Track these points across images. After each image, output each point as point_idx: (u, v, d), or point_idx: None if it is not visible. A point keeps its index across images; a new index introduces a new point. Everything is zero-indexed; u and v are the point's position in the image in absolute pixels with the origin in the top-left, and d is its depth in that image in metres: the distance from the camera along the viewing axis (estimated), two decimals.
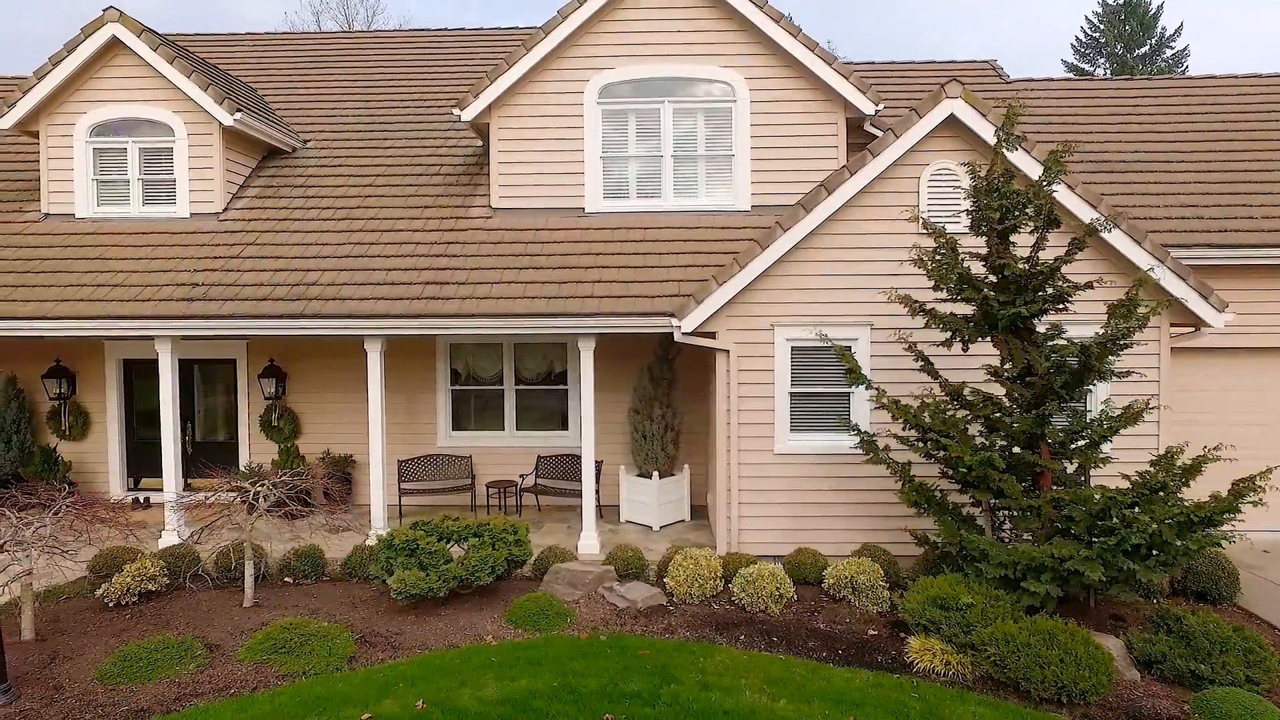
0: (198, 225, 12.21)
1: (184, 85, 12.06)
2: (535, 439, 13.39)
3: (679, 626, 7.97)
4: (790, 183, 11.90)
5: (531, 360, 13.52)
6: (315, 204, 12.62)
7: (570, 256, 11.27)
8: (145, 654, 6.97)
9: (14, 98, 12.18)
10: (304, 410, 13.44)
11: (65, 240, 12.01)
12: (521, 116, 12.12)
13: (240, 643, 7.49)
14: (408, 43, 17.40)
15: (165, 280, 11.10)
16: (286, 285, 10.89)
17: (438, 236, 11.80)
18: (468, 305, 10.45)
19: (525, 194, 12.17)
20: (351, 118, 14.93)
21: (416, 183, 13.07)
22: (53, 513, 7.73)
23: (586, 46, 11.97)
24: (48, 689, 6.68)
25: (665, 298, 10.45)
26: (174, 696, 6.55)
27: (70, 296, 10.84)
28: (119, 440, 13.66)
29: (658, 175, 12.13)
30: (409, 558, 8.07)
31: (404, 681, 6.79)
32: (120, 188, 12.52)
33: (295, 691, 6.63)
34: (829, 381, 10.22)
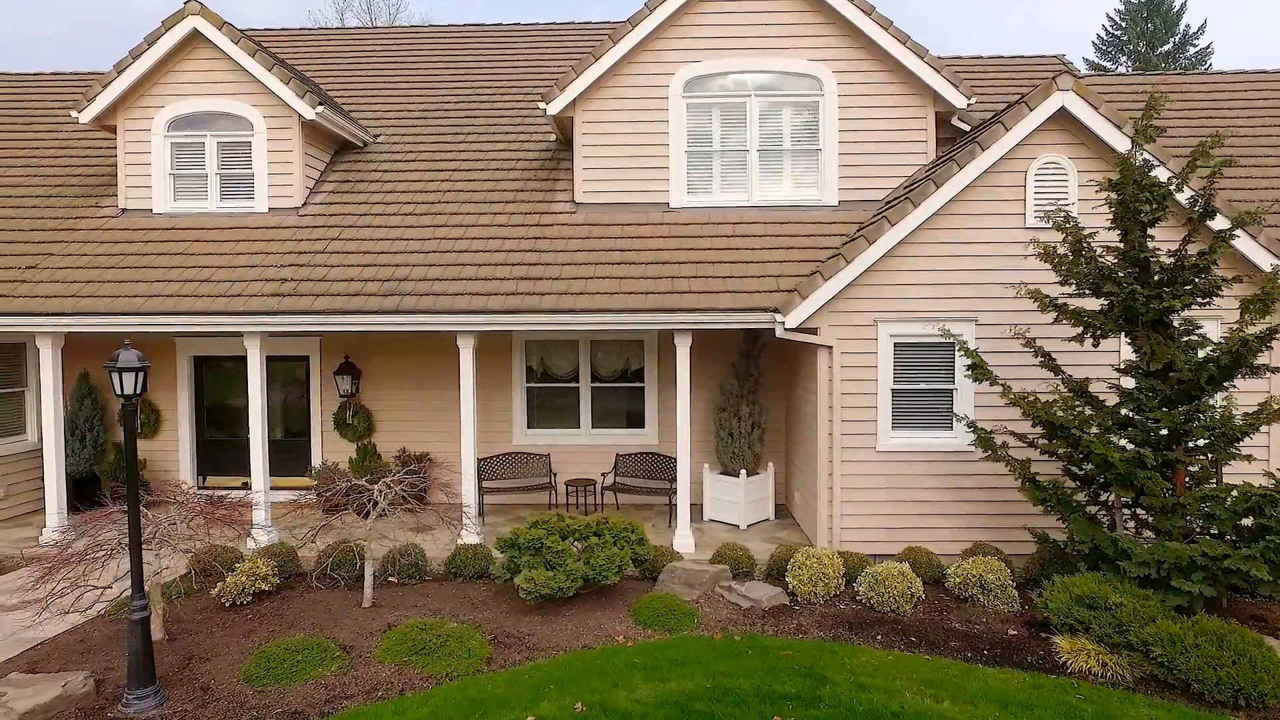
0: (278, 220, 12.07)
1: (265, 79, 11.92)
2: (610, 437, 13.26)
3: (810, 627, 7.84)
4: (878, 178, 11.78)
5: (607, 358, 13.39)
6: (394, 199, 12.49)
7: (662, 252, 11.13)
8: (285, 655, 6.83)
9: (93, 91, 12.05)
10: (377, 408, 13.32)
11: (145, 236, 11.87)
12: (606, 110, 11.98)
13: (371, 644, 7.36)
14: (470, 38, 17.24)
15: (253, 276, 10.96)
16: (378, 281, 10.76)
17: (524, 232, 11.66)
18: (564, 301, 10.31)
19: (609, 188, 12.03)
20: (419, 113, 14.79)
21: (493, 178, 12.93)
22: (183, 511, 7.59)
23: (672, 39, 11.83)
24: (193, 690, 6.55)
25: (765, 293, 10.31)
26: (324, 699, 6.42)
27: (158, 292, 10.71)
28: (189, 438, 13.53)
29: (743, 170, 11.99)
30: (534, 556, 7.93)
31: (553, 683, 6.66)
32: (197, 183, 12.37)
33: (446, 694, 6.49)
34: (931, 378, 10.10)
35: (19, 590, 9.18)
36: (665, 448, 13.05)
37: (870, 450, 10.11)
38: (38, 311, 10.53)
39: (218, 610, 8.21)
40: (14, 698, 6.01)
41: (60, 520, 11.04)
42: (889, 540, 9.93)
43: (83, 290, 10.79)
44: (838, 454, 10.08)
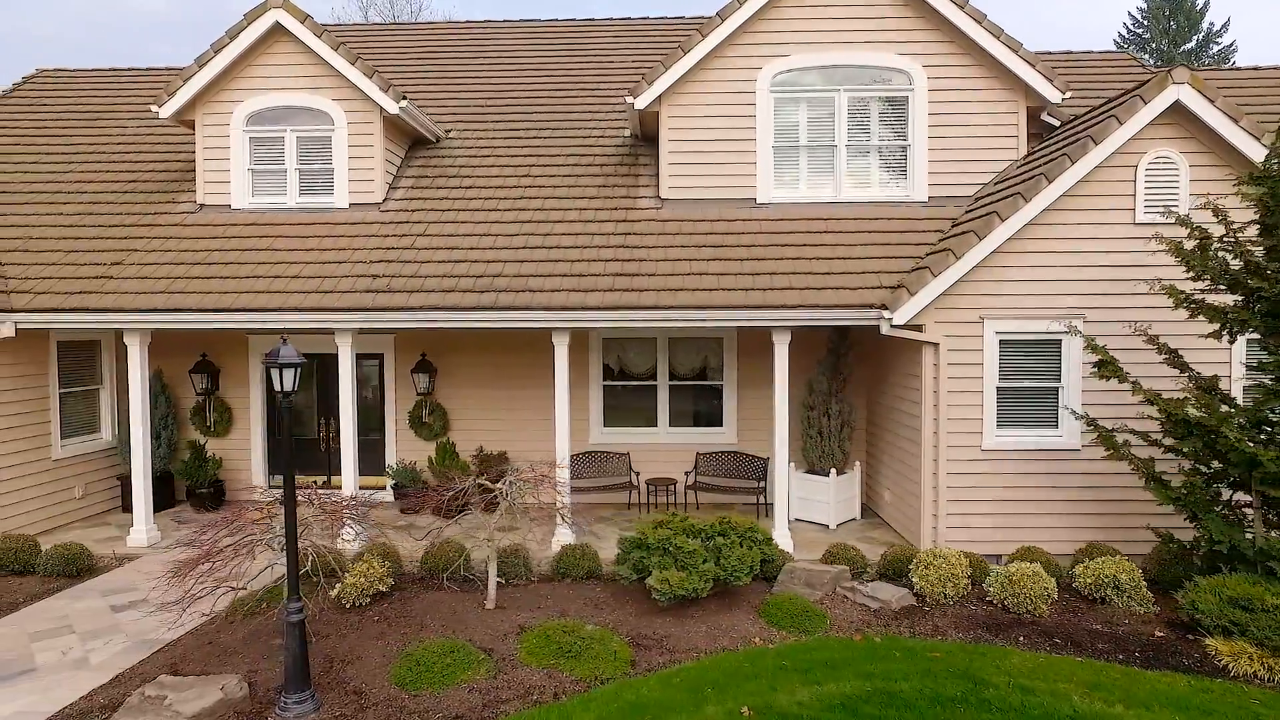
0: (361, 215, 11.93)
1: (349, 73, 11.77)
2: (688, 436, 13.12)
3: (947, 628, 7.71)
4: (968, 173, 11.64)
5: (684, 356, 13.25)
6: (475, 195, 12.34)
7: (754, 248, 11.00)
8: (433, 658, 6.70)
9: (173, 86, 11.90)
10: (452, 406, 13.18)
11: (225, 231, 11.72)
12: (692, 105, 11.84)
13: (510, 646, 7.22)
14: (535, 33, 17.08)
15: (342, 272, 10.83)
16: (471, 277, 10.62)
17: (612, 228, 11.52)
18: (664, 298, 10.18)
19: (695, 184, 11.89)
20: (488, 109, 14.64)
21: (573, 173, 12.79)
22: (315, 511, 7.46)
23: (760, 33, 11.68)
24: (346, 694, 6.41)
25: (868, 289, 10.19)
26: (481, 704, 6.28)
27: (248, 288, 10.57)
28: (261, 437, 13.39)
29: (830, 165, 11.85)
30: (664, 556, 7.79)
31: (708, 686, 6.53)
32: (276, 178, 12.23)
33: (604, 698, 6.36)
34: (1037, 376, 9.97)
35: (124, 590, 9.08)
36: (745, 446, 12.92)
37: (975, 449, 9.97)
38: (127, 308, 10.38)
39: (339, 611, 8.07)
40: (177, 701, 5.88)
41: (148, 521, 10.91)
42: (996, 540, 9.80)
43: (171, 286, 10.65)
44: (943, 453, 9.94)
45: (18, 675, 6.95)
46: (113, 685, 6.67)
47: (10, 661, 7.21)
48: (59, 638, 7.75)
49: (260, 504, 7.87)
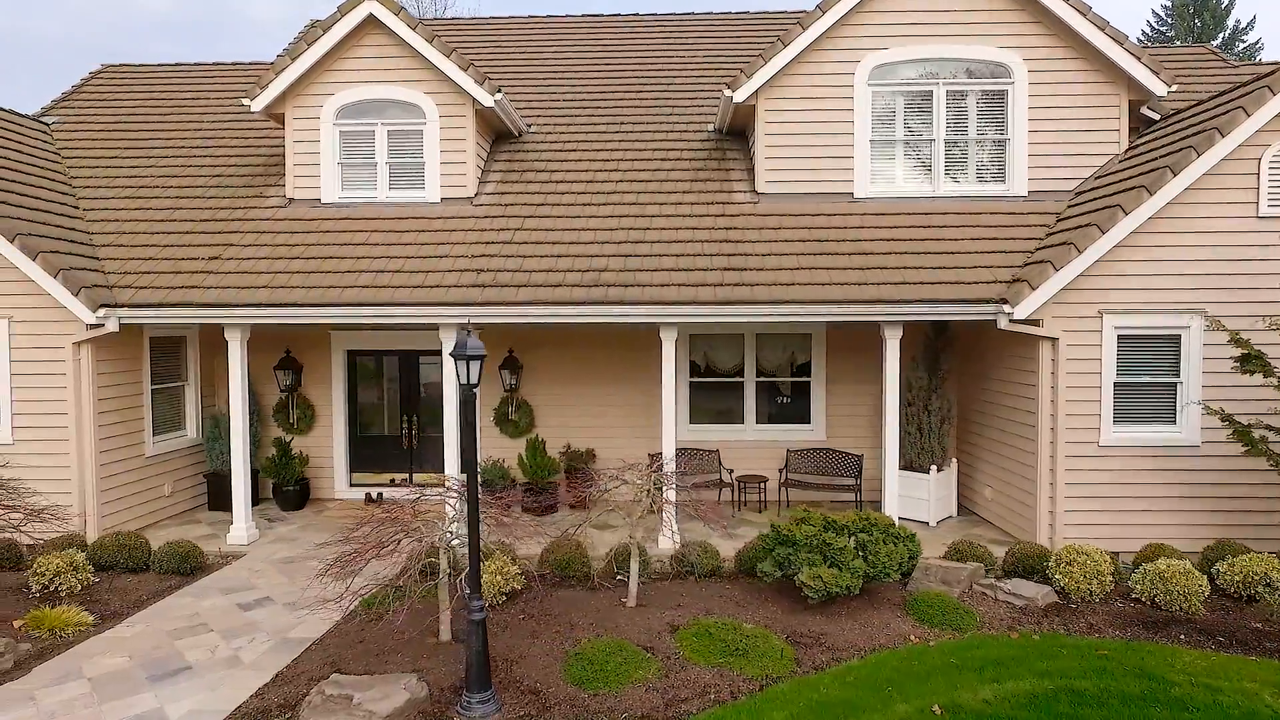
0: (455, 210, 11.81)
1: (443, 65, 11.65)
2: (775, 433, 13.00)
3: (1102, 625, 7.61)
4: (1068, 167, 11.52)
5: (771, 352, 13.13)
6: (567, 189, 12.23)
7: (859, 243, 10.89)
8: (601, 657, 6.59)
9: (266, 79, 11.78)
10: (538, 403, 13.06)
11: (319, 225, 11.61)
12: (790, 98, 11.72)
13: (667, 644, 7.10)
14: (613, 28, 16.97)
15: (444, 266, 10.71)
16: (577, 272, 10.51)
17: (711, 222, 11.41)
18: (776, 292, 10.08)
19: (792, 178, 11.77)
20: (567, 103, 14.51)
21: (661, 168, 12.67)
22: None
23: (860, 25, 11.56)
24: (522, 693, 6.30)
25: (985, 284, 10.08)
26: (663, 702, 6.17)
27: (351, 283, 10.45)
28: (344, 434, 13.28)
29: (928, 159, 11.74)
30: (812, 553, 7.68)
31: (887, 684, 6.43)
32: (365, 172, 12.11)
33: (786, 697, 6.25)
34: (1155, 371, 9.87)
35: (243, 588, 8.98)
36: (834, 443, 12.80)
37: (1091, 445, 9.87)
38: (232, 302, 10.26)
39: None
40: (366, 700, 5.76)
41: (247, 519, 10.79)
42: (1113, 537, 9.67)
43: (273, 281, 10.53)
44: (1060, 449, 9.83)
45: (176, 673, 6.84)
46: (278, 684, 6.56)
47: (162, 660, 7.10)
48: (199, 636, 7.63)
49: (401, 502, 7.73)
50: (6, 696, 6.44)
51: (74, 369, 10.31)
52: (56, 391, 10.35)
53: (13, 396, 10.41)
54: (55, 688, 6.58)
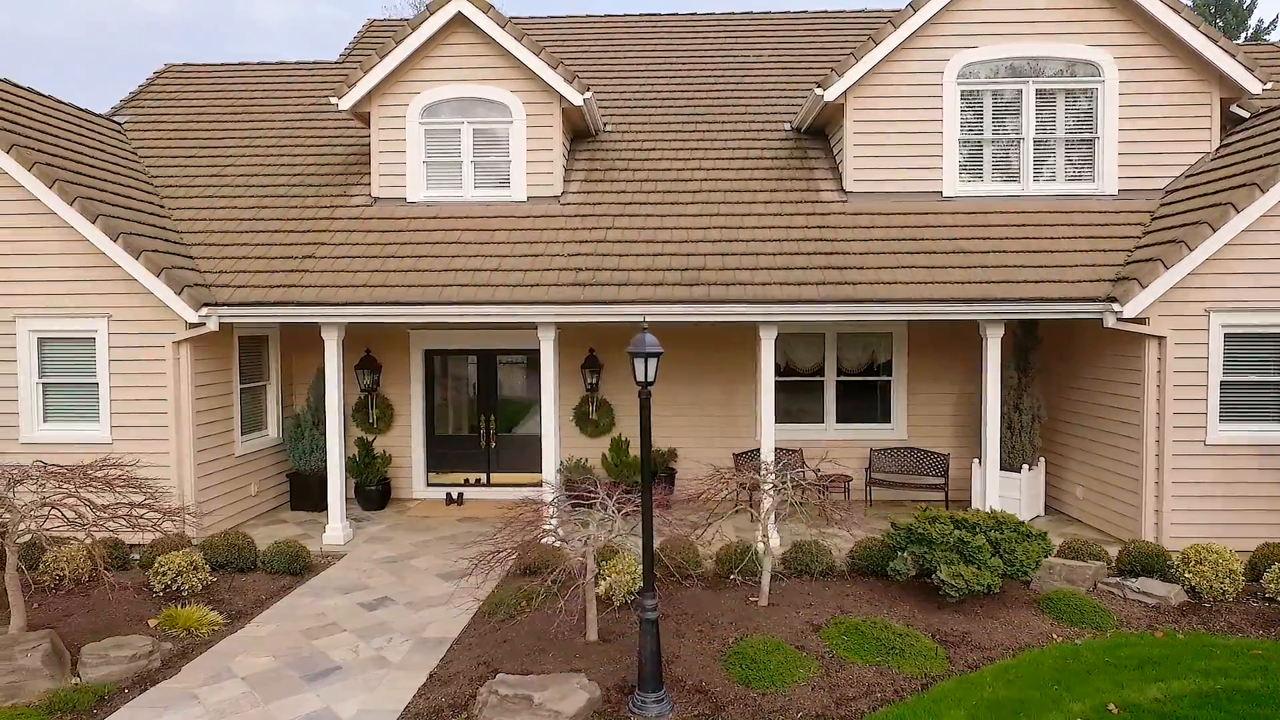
0: (543, 209, 11.78)
1: (532, 63, 11.62)
2: (854, 432, 12.97)
3: (1244, 625, 7.58)
4: (1158, 166, 11.49)
5: (850, 351, 13.11)
6: (653, 187, 12.20)
7: (955, 240, 10.87)
8: (760, 655, 6.57)
9: (354, 77, 11.75)
10: (617, 402, 13.02)
11: (409, 224, 11.58)
12: (878, 96, 11.69)
13: (816, 643, 7.07)
14: (680, 27, 16.95)
15: (540, 265, 10.69)
16: (676, 270, 10.49)
17: (803, 221, 11.38)
18: (879, 290, 10.07)
19: (880, 177, 11.74)
20: (642, 102, 14.47)
21: (744, 167, 12.64)
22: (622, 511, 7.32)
23: (950, 24, 11.54)
24: (687, 692, 6.27)
25: (1089, 283, 10.06)
26: (832, 701, 6.14)
27: (449, 281, 10.42)
28: (422, 434, 13.25)
29: (1016, 158, 11.71)
30: (949, 551, 7.64)
31: (1051, 683, 6.40)
32: (450, 170, 12.08)
33: (955, 695, 6.21)
34: (1264, 370, 9.84)
35: (358, 588, 8.94)
36: (915, 442, 12.78)
37: (1198, 444, 9.84)
38: (331, 301, 10.24)
39: (613, 610, 7.89)
40: (546, 700, 5.73)
41: (342, 519, 10.76)
42: (1220, 536, 9.58)
43: (371, 280, 10.51)
44: (1167, 448, 9.81)
45: (327, 673, 6.81)
46: (437, 684, 6.53)
47: (308, 660, 7.07)
48: (333, 636, 7.60)
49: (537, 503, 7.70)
50: (168, 696, 6.40)
51: (174, 368, 10.28)
52: (156, 390, 10.32)
53: (111, 396, 10.37)
54: (212, 687, 6.54)
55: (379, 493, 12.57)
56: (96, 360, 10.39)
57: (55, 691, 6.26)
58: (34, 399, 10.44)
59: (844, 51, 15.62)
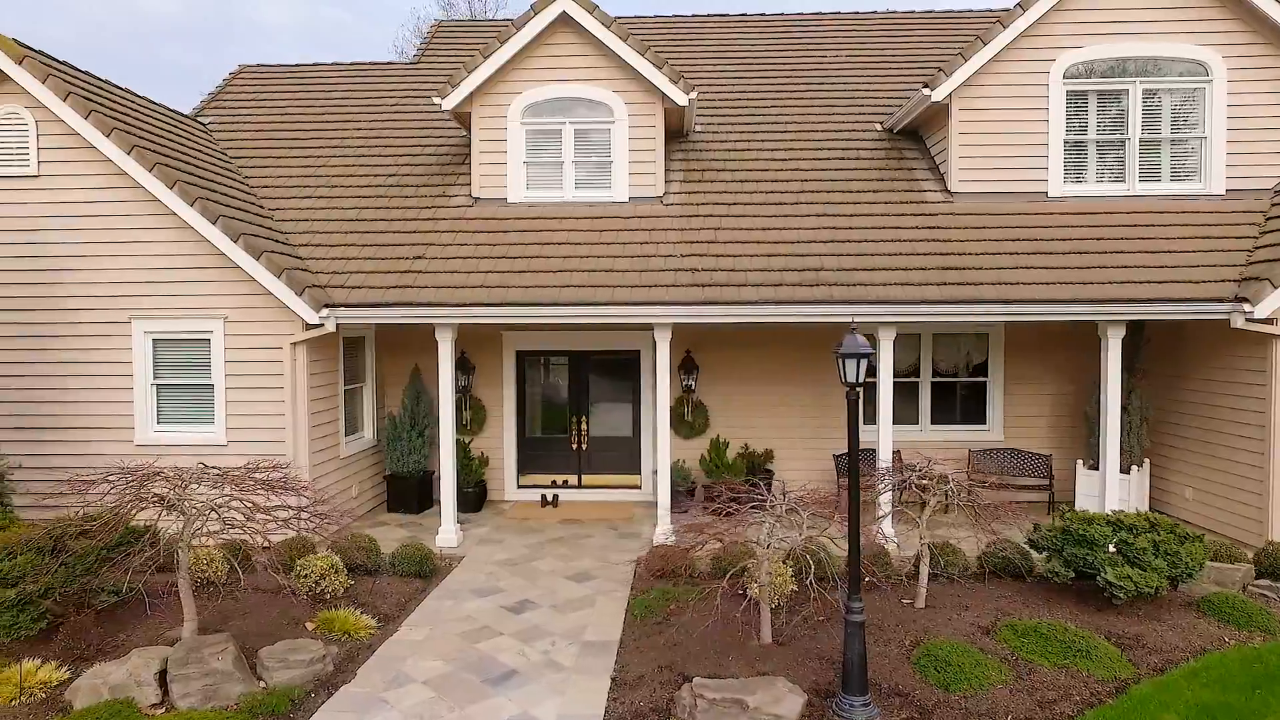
0: (646, 209, 11.74)
1: (637, 63, 11.58)
2: (950, 433, 12.90)
3: None
4: (1267, 165, 11.45)
5: (946, 352, 13.05)
6: (754, 187, 12.16)
7: (1068, 240, 10.83)
8: (952, 657, 6.52)
9: (458, 77, 11.71)
10: (713, 404, 12.97)
11: (515, 224, 11.54)
12: (983, 96, 11.64)
13: (989, 645, 7.01)
14: (762, 28, 16.92)
15: (656, 266, 10.64)
16: (794, 270, 10.44)
17: (911, 221, 11.34)
18: (1003, 290, 10.02)
19: (986, 177, 11.70)
20: (730, 102, 14.43)
21: (842, 166, 12.60)
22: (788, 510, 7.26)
23: (1057, 24, 11.49)
24: (885, 695, 6.21)
25: (1215, 283, 10.01)
26: (1034, 704, 6.09)
27: (565, 282, 10.38)
28: (513, 435, 13.19)
29: (1121, 158, 11.67)
30: (1113, 553, 7.59)
31: (1251, 688, 6.33)
32: (552, 171, 12.04)
33: (1158, 699, 6.15)
34: None
35: (494, 590, 8.89)
36: (1013, 443, 12.72)
37: None
38: (450, 302, 10.18)
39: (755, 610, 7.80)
40: (762, 704, 5.68)
41: (454, 520, 10.70)
42: None
43: (487, 280, 10.46)
44: None
45: (506, 676, 6.75)
46: (625, 687, 6.47)
47: (479, 663, 7.01)
48: (493, 639, 7.54)
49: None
50: (356, 700, 6.34)
51: (290, 369, 10.23)
52: (272, 393, 10.27)
53: (227, 397, 10.32)
54: (397, 691, 6.48)
55: (475, 495, 12.51)
56: (212, 362, 10.35)
57: (250, 695, 6.20)
58: (149, 401, 10.39)
59: (926, 52, 15.61)
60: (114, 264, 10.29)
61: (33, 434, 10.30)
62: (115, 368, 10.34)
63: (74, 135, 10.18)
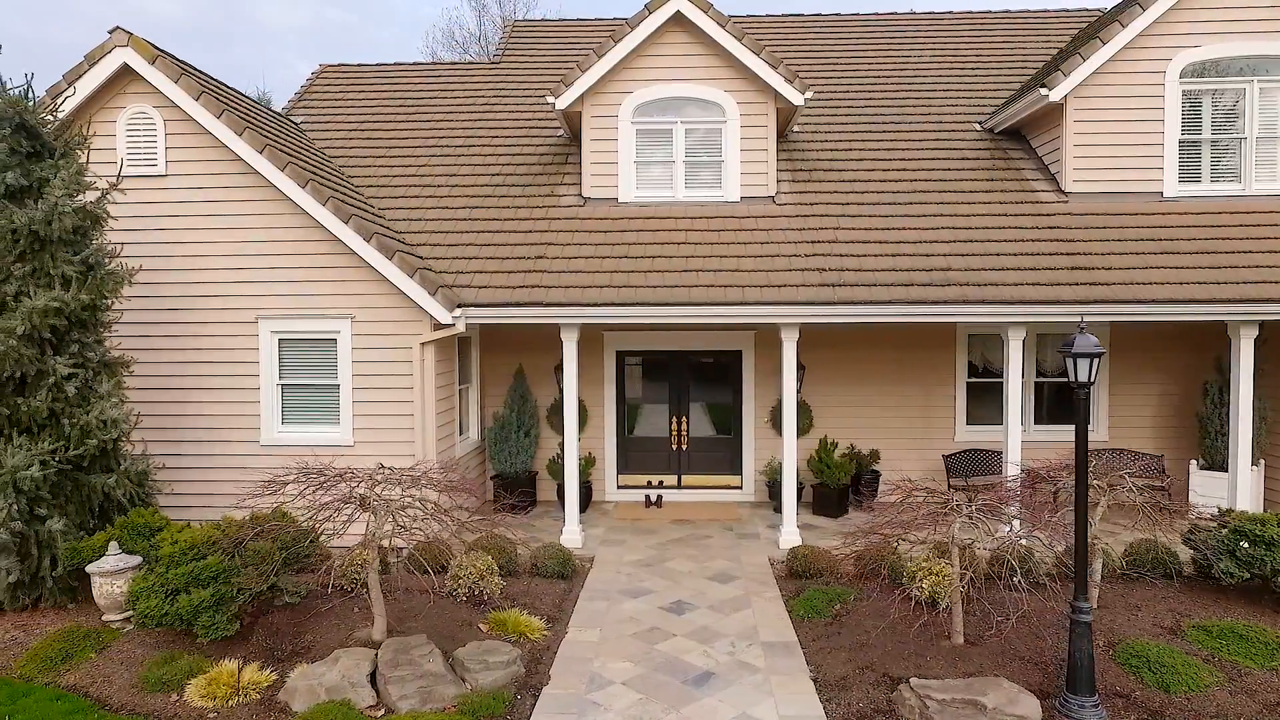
0: (759, 209, 11.70)
1: (752, 63, 11.53)
2: (1051, 433, 12.82)
3: None
4: None
5: (1049, 352, 12.99)
6: (863, 186, 12.13)
7: (1194, 240, 10.80)
8: (1160, 658, 6.46)
9: (571, 77, 11.66)
10: (815, 403, 12.91)
11: (625, 225, 11.51)
12: (1099, 96, 11.61)
13: (1181, 645, 6.95)
14: (851, 27, 16.89)
15: (781, 266, 10.60)
16: (922, 271, 10.41)
17: (1030, 221, 11.31)
18: (1137, 290, 9.98)
19: (1100, 177, 11.67)
20: (825, 101, 14.38)
21: (951, 166, 12.57)
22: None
23: (1175, 23, 11.46)
24: (1105, 696, 6.15)
25: None
26: (1261, 706, 6.04)
27: (689, 282, 10.34)
28: (613, 434, 13.15)
29: (1235, 157, 11.63)
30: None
31: None
32: (661, 170, 12.00)
33: None
34: None
35: (644, 591, 8.83)
36: (1117, 443, 12.67)
37: None
38: (578, 302, 10.13)
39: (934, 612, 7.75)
40: (999, 705, 5.63)
41: (577, 521, 10.67)
42: None
43: (613, 280, 10.42)
44: None
45: (705, 677, 6.70)
46: (832, 688, 6.44)
47: (670, 665, 6.96)
48: (668, 640, 7.49)
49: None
50: (567, 702, 6.29)
51: (419, 370, 10.18)
52: (399, 393, 10.22)
53: (354, 397, 10.28)
54: (601, 693, 6.44)
55: (583, 495, 12.44)
56: (338, 362, 10.30)
57: (462, 697, 6.15)
58: (274, 400, 10.35)
59: (1013, 51, 15.58)
60: (240, 264, 10.24)
61: (164, 434, 10.24)
62: (241, 368, 10.29)
63: (201, 135, 10.14)
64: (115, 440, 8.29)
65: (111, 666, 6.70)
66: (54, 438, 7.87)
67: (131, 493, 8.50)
